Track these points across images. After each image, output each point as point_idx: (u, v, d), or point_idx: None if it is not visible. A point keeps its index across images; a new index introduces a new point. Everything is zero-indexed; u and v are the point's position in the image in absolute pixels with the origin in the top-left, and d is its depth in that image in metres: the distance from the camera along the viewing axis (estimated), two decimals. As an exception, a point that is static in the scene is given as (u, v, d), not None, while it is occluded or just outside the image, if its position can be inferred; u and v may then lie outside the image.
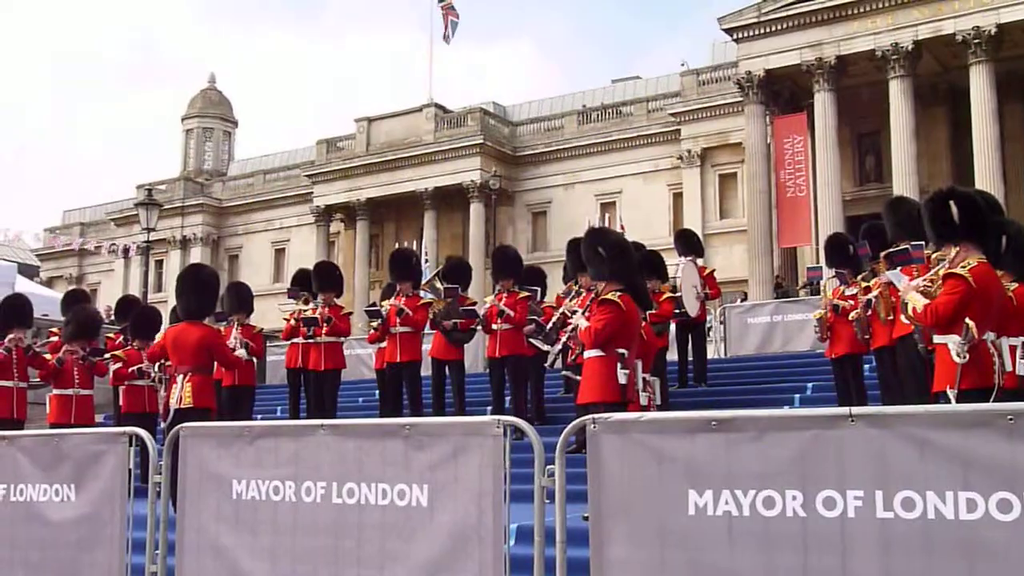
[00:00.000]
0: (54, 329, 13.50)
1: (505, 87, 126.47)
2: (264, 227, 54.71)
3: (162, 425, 9.48)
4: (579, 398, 7.67)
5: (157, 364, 11.23)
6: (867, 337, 10.33)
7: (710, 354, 15.78)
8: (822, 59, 33.87)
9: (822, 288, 12.09)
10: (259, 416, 13.67)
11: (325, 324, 12.69)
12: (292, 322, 13.00)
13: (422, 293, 12.73)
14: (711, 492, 4.30)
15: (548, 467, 4.79)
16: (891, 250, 8.87)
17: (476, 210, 44.88)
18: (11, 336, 11.59)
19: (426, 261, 27.21)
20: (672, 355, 13.31)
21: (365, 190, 47.83)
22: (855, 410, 4.15)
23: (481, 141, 45.19)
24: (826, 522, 4.09)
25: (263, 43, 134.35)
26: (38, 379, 11.86)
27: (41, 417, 12.01)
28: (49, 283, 53.74)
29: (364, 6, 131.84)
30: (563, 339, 8.76)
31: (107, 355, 12.26)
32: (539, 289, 12.64)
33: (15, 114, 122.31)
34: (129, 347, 12.48)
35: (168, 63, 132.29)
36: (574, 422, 4.85)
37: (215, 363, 9.39)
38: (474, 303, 12.97)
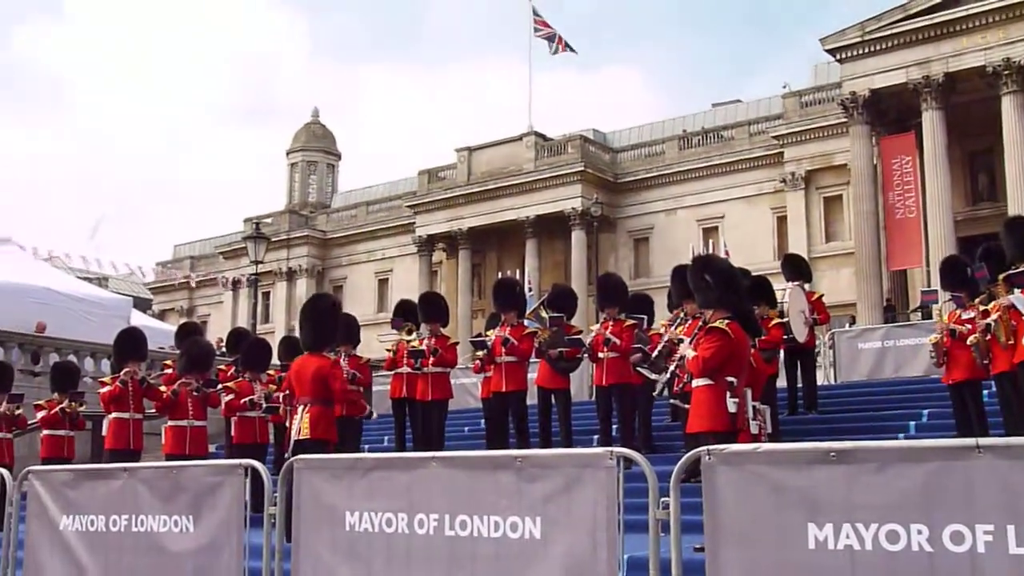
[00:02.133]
0: (168, 361, 13.70)
1: (604, 114, 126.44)
2: (367, 258, 55.40)
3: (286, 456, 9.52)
4: (688, 427, 7.59)
5: (282, 395, 11.39)
6: (986, 362, 10.02)
7: (820, 380, 15.47)
8: (930, 77, 33.09)
9: (937, 312, 11.72)
10: (366, 446, 13.70)
11: (432, 355, 12.66)
12: (394, 353, 13.01)
13: (527, 322, 12.67)
14: (831, 525, 4.20)
15: (662, 499, 4.74)
16: (1011, 272, 8.63)
17: (578, 237, 44.80)
18: (127, 369, 11.78)
19: (530, 290, 27.16)
20: (781, 382, 13.00)
21: (467, 219, 48.17)
22: (982, 441, 4.04)
23: (582, 168, 45.15)
24: (954, 557, 3.97)
25: (364, 76, 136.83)
26: (153, 410, 12.08)
27: (156, 447, 12.16)
28: (161, 316, 54.83)
29: (463, 38, 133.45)
30: (671, 368, 8.65)
31: (219, 386, 12.39)
32: (645, 317, 12.50)
33: (129, 154, 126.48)
34: (240, 379, 12.61)
35: (273, 100, 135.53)
36: (688, 453, 4.79)
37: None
38: (579, 331, 12.86)
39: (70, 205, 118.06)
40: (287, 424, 9.72)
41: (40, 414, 13.46)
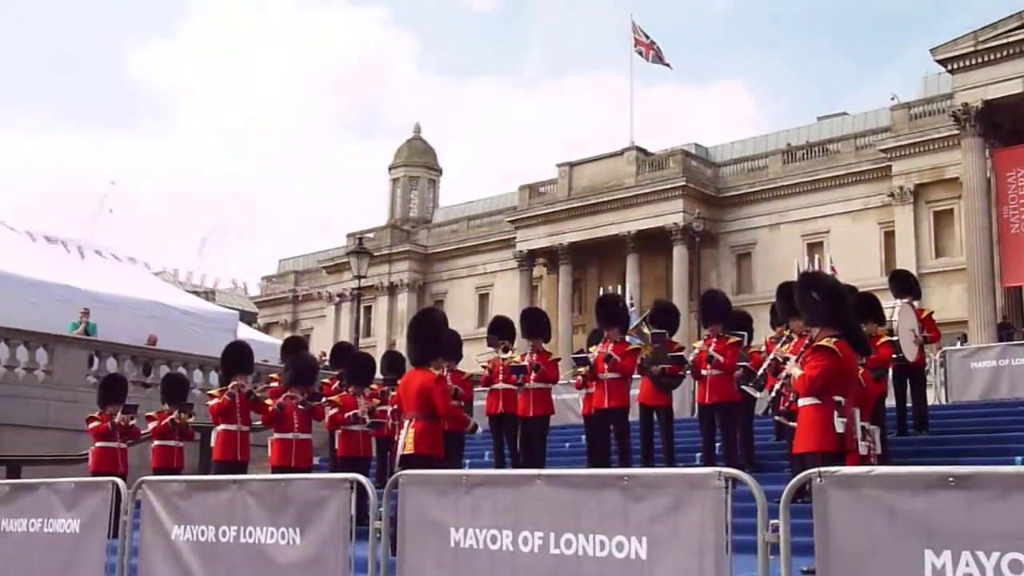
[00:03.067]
0: (274, 375, 13.83)
1: (707, 129, 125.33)
2: (468, 272, 55.54)
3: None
4: (795, 447, 7.49)
5: (390, 409, 11.83)
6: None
7: (930, 400, 15.11)
8: (1045, 88, 32.12)
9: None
10: (467, 461, 13.69)
11: (534, 371, 12.61)
12: (489, 371, 13.10)
13: (629, 339, 12.55)
14: (949, 553, 4.09)
15: (772, 521, 4.65)
16: None
17: (679, 253, 44.45)
18: (234, 382, 11.95)
19: (631, 305, 26.93)
20: (890, 402, 12.59)
21: (567, 234, 48.09)
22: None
23: (684, 183, 44.85)
24: (1081, 588, 3.82)
25: (467, 93, 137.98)
26: (260, 423, 12.19)
27: (263, 459, 12.27)
28: (266, 329, 55.54)
29: (566, 54, 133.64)
30: (776, 386, 8.55)
31: (324, 400, 12.48)
32: (745, 334, 12.38)
33: (238, 172, 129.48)
34: (344, 392, 12.72)
35: (380, 117, 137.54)
36: (799, 475, 4.72)
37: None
38: (681, 348, 12.78)
39: (180, 221, 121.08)
40: (395, 438, 9.79)
41: (151, 425, 13.66)
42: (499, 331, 13.77)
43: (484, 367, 13.33)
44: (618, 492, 5.09)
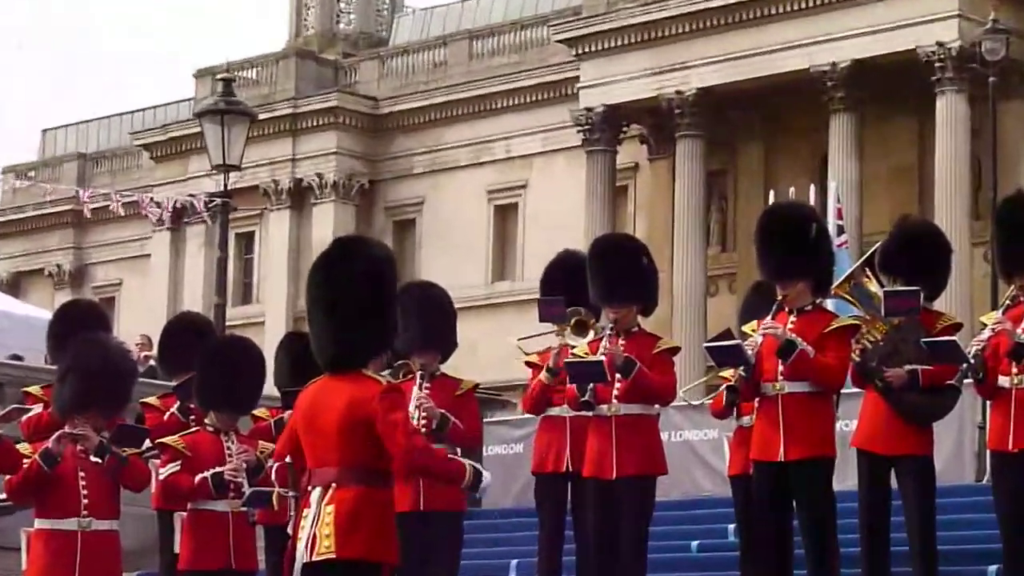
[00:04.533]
0: (32, 389, 9.87)
1: None
2: (470, 158, 34.37)
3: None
4: None
5: (275, 466, 8.08)
6: None
7: None
8: None
9: None
10: None
11: (624, 374, 8.57)
12: (552, 375, 9.25)
13: (832, 303, 8.62)
14: None
15: None
16: None
17: (948, 107, 22.31)
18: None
19: (839, 231, 18.33)
20: None
21: (699, 70, 28.45)
22: None
23: None
24: None
25: None
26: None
27: None
28: (12, 284, 38.45)
29: None
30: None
31: (145, 448, 8.99)
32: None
33: None
34: (194, 427, 9.29)
35: None
36: None
37: None
38: (956, 326, 8.24)
39: None
40: (289, 529, 6.27)
41: None
42: (565, 288, 9.31)
43: (530, 364, 9.56)
44: None
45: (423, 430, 7.97)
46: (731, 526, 10.57)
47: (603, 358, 8.19)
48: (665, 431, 11.11)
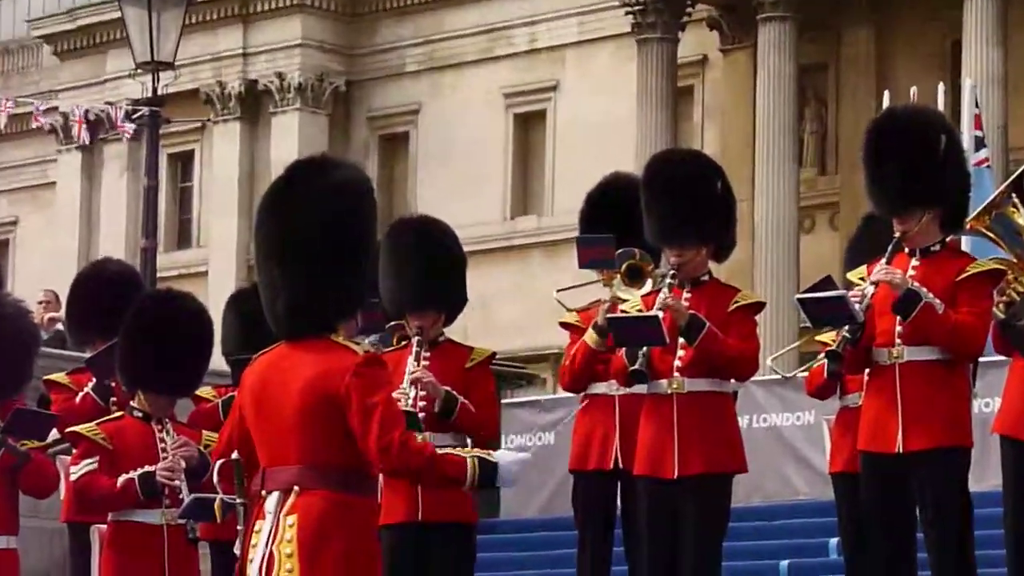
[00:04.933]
0: None
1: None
2: (478, 50, 35.08)
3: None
4: None
5: (218, 464, 8.19)
6: None
7: None
8: None
9: None
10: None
11: (690, 335, 8.84)
12: (600, 337, 9.58)
13: (966, 239, 9.50)
14: None
15: None
16: None
17: None
18: None
19: (978, 142, 18.95)
20: None
21: None
22: None
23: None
24: None
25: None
26: None
27: None
28: None
29: None
30: None
31: (50, 442, 9.84)
32: None
33: None
34: (114, 412, 9.65)
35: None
36: None
37: None
38: None
39: None
40: (237, 547, 6.16)
41: None
42: (612, 222, 9.66)
43: (570, 324, 9.94)
44: None
45: (422, 415, 8.14)
46: (833, 540, 11.03)
47: (660, 313, 8.11)
48: (745, 414, 11.73)
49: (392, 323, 9.52)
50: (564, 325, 9.93)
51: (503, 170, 33.98)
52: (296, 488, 5.64)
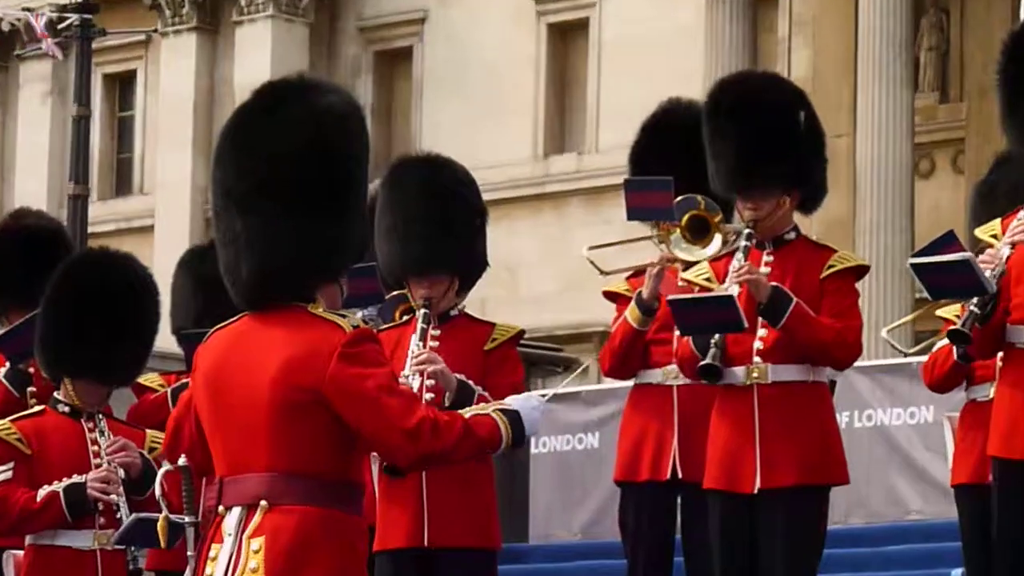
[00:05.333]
0: None
1: None
2: None
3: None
4: None
5: (165, 468, 8.75)
6: None
7: None
8: None
9: None
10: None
11: (766, 318, 9.03)
12: (645, 312, 9.92)
13: None
14: None
15: None
16: None
17: None
18: None
19: None
20: None
21: None
22: None
23: None
24: None
25: None
26: None
27: None
28: None
29: None
30: None
31: None
32: None
33: None
34: (34, 407, 9.77)
35: None
36: None
37: None
38: None
39: None
40: (195, 568, 6.32)
41: None
42: (670, 161, 9.83)
43: (617, 295, 10.15)
44: None
45: (415, 395, 7.84)
46: (956, 572, 11.26)
47: (734, 289, 8.22)
48: (845, 409, 12.12)
49: (394, 294, 9.50)
50: (609, 295, 10.08)
51: (533, 97, 34.24)
52: (264, 503, 5.62)
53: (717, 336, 8.57)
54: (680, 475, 9.80)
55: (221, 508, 5.75)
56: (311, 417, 5.66)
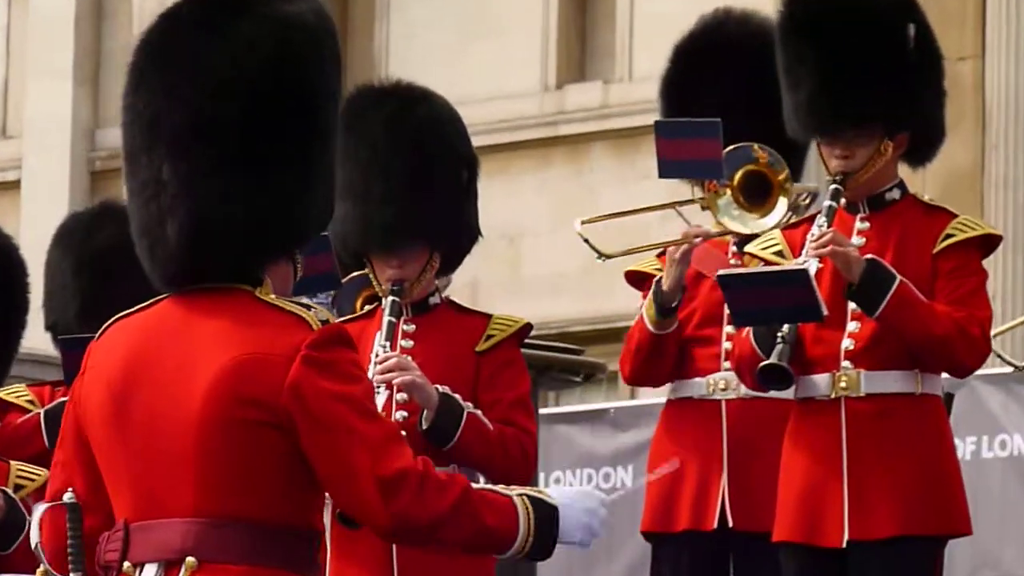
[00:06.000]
0: None
1: None
2: None
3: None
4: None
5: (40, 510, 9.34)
6: None
7: None
8: None
9: None
10: None
11: (861, 301, 9.24)
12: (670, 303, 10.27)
13: None
14: None
15: None
16: None
17: None
18: None
19: None
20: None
21: None
22: None
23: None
24: None
25: None
26: None
27: None
28: None
29: None
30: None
31: None
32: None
33: None
34: None
35: None
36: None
37: None
38: None
39: None
40: None
41: None
42: (721, 96, 10.19)
43: (643, 275, 10.51)
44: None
45: (401, 433, 7.72)
46: None
47: (812, 264, 8.40)
48: (968, 433, 12.77)
49: (353, 276, 9.49)
50: (632, 278, 10.38)
51: (542, 13, 34.53)
52: (191, 559, 5.59)
53: (786, 328, 8.72)
54: (731, 523, 10.28)
55: (127, 564, 5.71)
56: (258, 441, 5.62)
